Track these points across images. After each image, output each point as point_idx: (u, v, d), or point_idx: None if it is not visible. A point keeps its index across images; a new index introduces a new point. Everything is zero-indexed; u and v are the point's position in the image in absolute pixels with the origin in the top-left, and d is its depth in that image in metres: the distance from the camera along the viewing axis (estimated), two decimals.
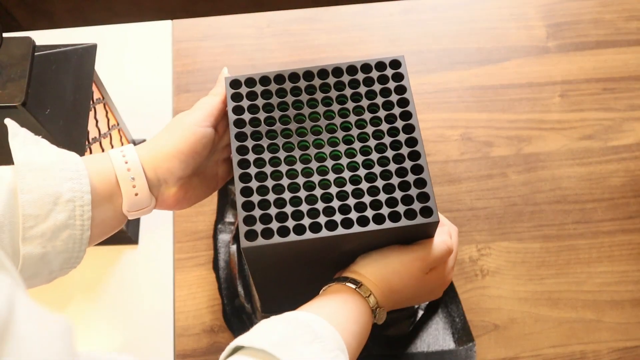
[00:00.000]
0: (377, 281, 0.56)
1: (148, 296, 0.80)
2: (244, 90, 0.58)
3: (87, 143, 0.69)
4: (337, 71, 0.58)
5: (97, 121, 0.73)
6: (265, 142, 0.56)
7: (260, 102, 0.57)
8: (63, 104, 0.64)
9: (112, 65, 0.92)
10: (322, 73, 0.58)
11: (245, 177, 0.55)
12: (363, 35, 0.95)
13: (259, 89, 0.58)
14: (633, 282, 0.80)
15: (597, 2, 0.97)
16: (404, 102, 0.56)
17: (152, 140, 0.56)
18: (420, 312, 0.77)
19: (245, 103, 0.57)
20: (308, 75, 0.58)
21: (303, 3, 1.09)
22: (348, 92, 0.57)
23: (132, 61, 0.95)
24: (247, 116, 0.57)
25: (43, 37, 0.67)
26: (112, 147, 0.78)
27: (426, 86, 0.91)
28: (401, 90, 0.57)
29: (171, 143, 0.55)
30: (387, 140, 0.55)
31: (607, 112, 0.90)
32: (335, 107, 0.57)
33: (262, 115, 0.57)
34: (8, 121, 0.52)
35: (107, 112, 0.76)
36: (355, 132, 0.56)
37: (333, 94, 0.57)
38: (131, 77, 0.93)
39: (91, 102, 0.69)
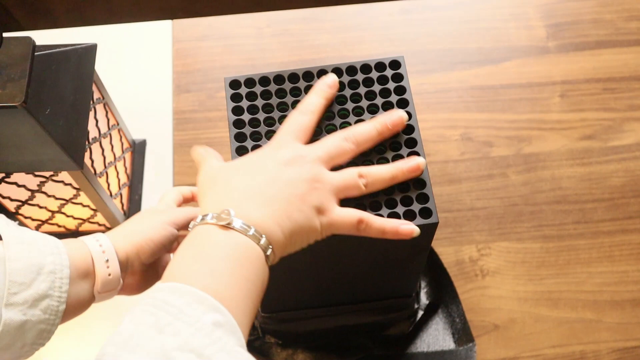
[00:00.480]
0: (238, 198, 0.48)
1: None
2: (243, 90, 0.58)
3: (87, 143, 0.69)
4: (337, 72, 0.57)
5: (97, 121, 0.73)
6: (264, 142, 0.56)
7: (259, 102, 0.57)
8: (63, 104, 0.64)
9: (112, 65, 0.92)
10: (322, 73, 0.58)
11: None
12: (363, 35, 0.95)
13: (258, 89, 0.57)
14: (633, 282, 0.80)
15: (597, 2, 0.97)
16: (403, 103, 0.56)
17: (123, 228, 0.60)
18: (420, 312, 0.77)
19: (244, 103, 0.57)
20: (307, 75, 0.58)
21: (303, 3, 1.09)
22: (347, 92, 0.57)
23: (132, 61, 0.95)
24: (246, 117, 0.57)
25: (43, 37, 0.67)
26: (112, 147, 0.78)
27: (426, 86, 0.91)
28: (401, 90, 0.57)
29: (143, 232, 0.59)
30: (386, 140, 0.55)
31: (607, 112, 0.90)
32: (335, 107, 0.56)
33: (261, 115, 0.57)
34: None
35: (107, 112, 0.76)
36: None
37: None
38: (131, 77, 0.93)
39: (91, 102, 0.69)
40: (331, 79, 0.56)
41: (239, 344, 0.41)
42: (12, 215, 0.77)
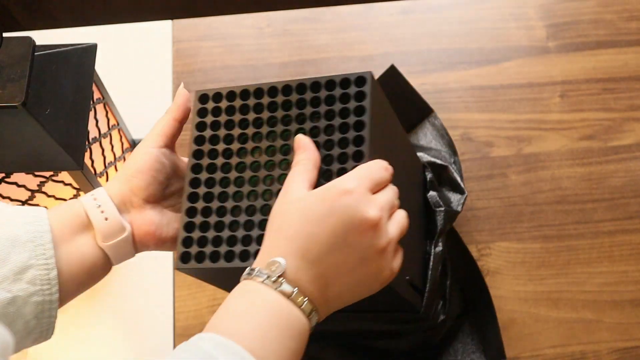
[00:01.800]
0: (305, 270, 0.46)
1: (148, 296, 0.80)
2: (210, 105, 0.56)
3: (87, 143, 0.69)
4: (301, 87, 0.54)
5: (97, 121, 0.73)
6: (220, 161, 0.54)
7: (223, 118, 0.55)
8: (63, 104, 0.64)
9: (112, 65, 0.92)
10: (286, 89, 0.55)
11: (193, 197, 0.54)
12: (363, 35, 0.95)
13: (224, 104, 0.55)
14: (633, 282, 0.80)
15: (597, 2, 0.97)
16: (359, 126, 0.51)
17: (119, 170, 0.57)
18: (445, 322, 0.74)
19: (209, 119, 0.55)
20: (272, 91, 0.55)
21: (303, 3, 1.09)
22: (308, 110, 0.53)
23: (132, 61, 0.95)
24: (208, 133, 0.55)
25: (43, 37, 0.67)
26: (112, 147, 0.78)
27: (426, 86, 0.91)
28: (360, 111, 0.52)
29: (129, 166, 0.56)
30: (335, 166, 0.51)
31: (607, 112, 0.90)
32: (294, 126, 0.53)
33: (222, 132, 0.55)
34: None
35: (107, 112, 0.76)
36: None
37: (294, 112, 0.54)
38: (131, 77, 0.93)
39: (91, 102, 0.69)
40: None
41: None
42: None
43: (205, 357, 0.41)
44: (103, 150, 0.75)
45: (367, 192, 0.47)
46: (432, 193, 0.73)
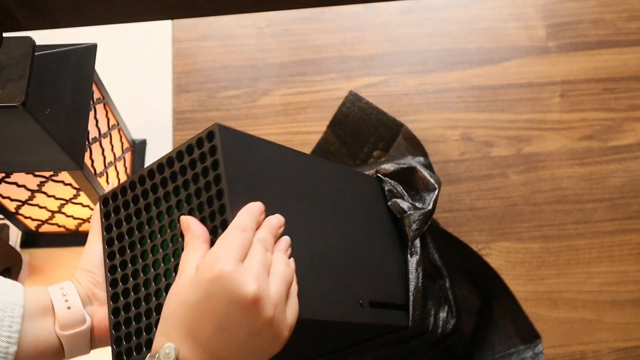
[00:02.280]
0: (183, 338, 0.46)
1: None
2: (111, 206, 0.55)
3: (87, 143, 0.69)
4: (160, 168, 0.54)
5: (97, 121, 0.73)
6: (127, 256, 0.54)
7: (125, 212, 0.55)
8: (63, 104, 0.64)
9: (112, 65, 0.92)
10: (160, 168, 0.54)
11: (114, 297, 0.54)
12: (363, 35, 0.95)
13: (121, 200, 0.55)
14: (633, 282, 0.80)
15: (597, 2, 0.97)
16: (217, 180, 0.50)
17: (83, 257, 0.56)
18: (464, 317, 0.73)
19: (113, 219, 0.55)
20: (151, 174, 0.54)
21: (303, 3, 1.09)
22: (180, 180, 0.52)
23: (132, 61, 0.95)
24: (114, 233, 0.55)
25: (43, 37, 0.67)
26: (112, 147, 0.78)
27: (426, 86, 0.91)
28: (215, 166, 0.50)
29: (89, 259, 0.55)
30: (213, 225, 0.50)
31: (607, 112, 0.90)
32: (173, 199, 0.53)
33: (128, 226, 0.55)
34: None
35: (107, 112, 0.76)
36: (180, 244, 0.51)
37: (170, 187, 0.53)
38: (131, 77, 0.93)
39: (91, 102, 0.69)
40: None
41: None
42: (12, 215, 0.77)
43: None
44: (103, 150, 0.75)
45: (237, 264, 0.44)
46: (393, 201, 0.67)
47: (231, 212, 0.48)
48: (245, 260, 0.45)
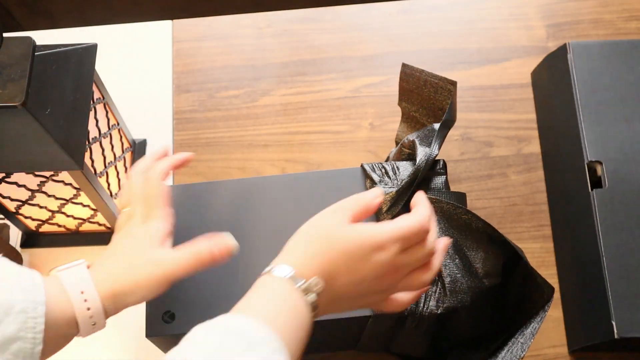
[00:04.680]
0: (314, 265, 0.51)
1: None
2: None
3: (87, 143, 0.69)
4: None
5: (97, 121, 0.73)
6: None
7: None
8: (63, 104, 0.64)
9: (112, 65, 0.92)
10: None
11: None
12: (363, 35, 0.95)
13: None
14: None
15: (597, 2, 0.97)
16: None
17: (112, 264, 0.55)
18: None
19: None
20: None
21: (303, 3, 1.09)
22: None
23: (132, 61, 0.95)
24: None
25: (43, 37, 0.67)
26: (112, 147, 0.78)
27: None
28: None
29: (132, 278, 0.55)
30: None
31: None
32: None
33: None
34: None
35: (107, 112, 0.76)
36: None
37: None
38: (131, 77, 0.93)
39: (91, 102, 0.69)
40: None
41: None
42: (12, 215, 0.77)
43: (244, 340, 0.44)
44: (103, 150, 0.75)
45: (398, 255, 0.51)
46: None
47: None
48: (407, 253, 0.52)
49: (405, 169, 0.68)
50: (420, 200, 0.55)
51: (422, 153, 0.66)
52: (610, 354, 0.76)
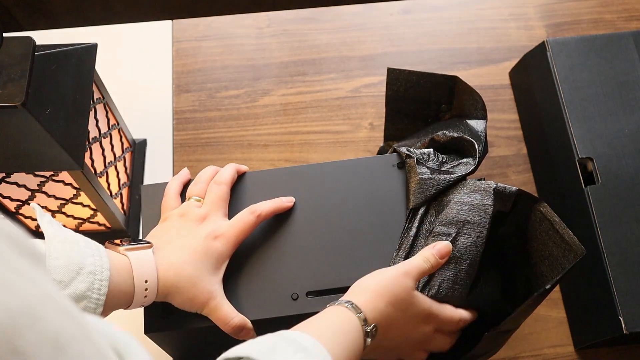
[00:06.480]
0: (378, 314, 0.56)
1: None
2: None
3: (87, 143, 0.69)
4: None
5: (97, 121, 0.73)
6: None
7: None
8: (63, 104, 0.64)
9: (112, 65, 0.92)
10: None
11: None
12: (363, 35, 0.95)
13: None
14: None
15: (597, 2, 0.97)
16: None
17: (175, 269, 0.58)
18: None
19: None
20: None
21: (303, 3, 1.09)
22: None
23: (132, 61, 0.95)
24: None
25: (43, 37, 0.67)
26: (112, 147, 0.78)
27: None
28: None
29: (189, 297, 0.59)
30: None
31: None
32: None
33: None
34: (34, 205, 0.56)
35: (107, 112, 0.76)
36: None
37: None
38: (131, 77, 0.93)
39: (91, 102, 0.70)
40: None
41: None
42: (12, 215, 0.77)
43: (296, 344, 0.47)
44: (103, 150, 0.75)
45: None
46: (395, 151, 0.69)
47: None
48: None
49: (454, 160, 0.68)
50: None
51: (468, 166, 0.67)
52: (617, 348, 0.76)
